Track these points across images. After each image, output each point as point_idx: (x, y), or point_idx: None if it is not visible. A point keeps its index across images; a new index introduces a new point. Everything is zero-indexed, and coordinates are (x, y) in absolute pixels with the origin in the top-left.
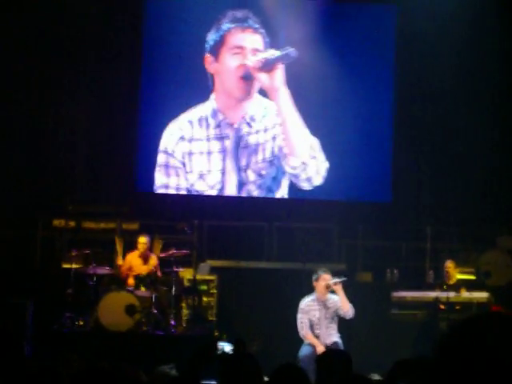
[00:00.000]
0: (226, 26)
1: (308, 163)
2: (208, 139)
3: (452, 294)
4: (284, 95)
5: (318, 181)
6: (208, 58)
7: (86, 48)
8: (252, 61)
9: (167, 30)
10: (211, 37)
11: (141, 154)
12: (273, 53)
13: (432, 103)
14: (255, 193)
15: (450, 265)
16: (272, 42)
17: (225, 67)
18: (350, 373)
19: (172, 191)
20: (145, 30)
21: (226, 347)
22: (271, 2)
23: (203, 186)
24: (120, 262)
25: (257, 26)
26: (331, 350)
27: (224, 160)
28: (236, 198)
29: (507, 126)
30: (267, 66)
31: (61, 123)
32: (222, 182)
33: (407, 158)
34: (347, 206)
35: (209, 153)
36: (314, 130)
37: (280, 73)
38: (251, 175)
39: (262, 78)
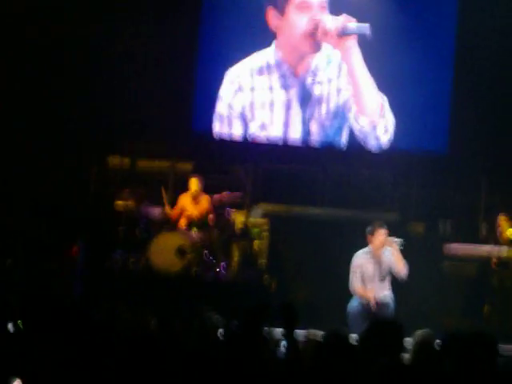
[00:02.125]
0: None
1: (377, 122)
2: (271, 89)
3: (505, 250)
4: (356, 55)
5: (387, 138)
6: (271, 11)
7: None
8: (326, 27)
9: None
10: None
11: (198, 93)
12: (348, 21)
13: (494, 54)
14: (318, 144)
15: (502, 218)
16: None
17: (291, 23)
18: (402, 344)
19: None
20: None
21: None
22: None
23: (265, 137)
24: (172, 203)
25: None
26: (385, 321)
27: (288, 111)
28: (290, 146)
29: None
30: (341, 34)
31: (118, 59)
32: (285, 133)
33: (466, 110)
34: (402, 155)
35: (271, 104)
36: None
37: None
38: (315, 127)
39: (334, 41)
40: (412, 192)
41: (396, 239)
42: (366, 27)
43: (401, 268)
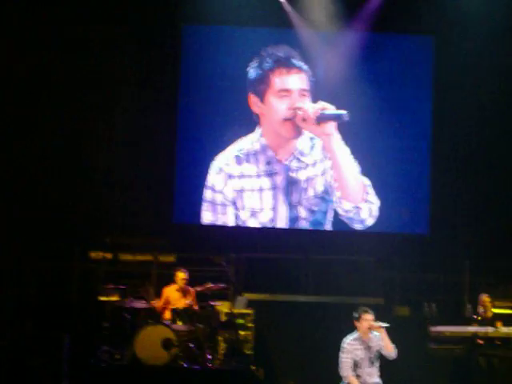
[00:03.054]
0: (268, 65)
1: (361, 207)
2: (258, 176)
3: (490, 329)
4: (336, 141)
5: (371, 222)
6: (252, 98)
7: (123, 82)
8: (305, 114)
9: (206, 62)
10: (253, 74)
11: (179, 185)
12: (326, 107)
13: (471, 135)
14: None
15: (485, 299)
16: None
17: (272, 110)
18: None
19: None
20: (183, 63)
21: None
22: (308, 34)
23: (255, 224)
24: (157, 295)
25: (301, 64)
26: None
27: (275, 197)
28: (271, 230)
29: None
30: (319, 120)
31: (99, 154)
32: (274, 219)
33: (445, 192)
34: (384, 238)
35: (260, 190)
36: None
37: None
38: (302, 211)
39: (313, 128)
40: (395, 276)
41: (382, 324)
42: (344, 114)
43: (390, 351)
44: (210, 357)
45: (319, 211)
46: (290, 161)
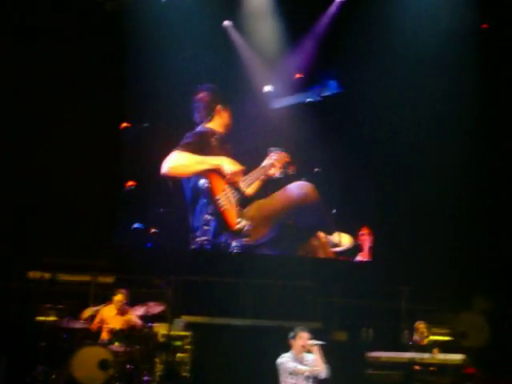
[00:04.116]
0: None
1: None
2: None
3: (426, 355)
4: None
5: None
6: None
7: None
8: None
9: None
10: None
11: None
12: None
13: (403, 159)
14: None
15: (421, 325)
16: None
17: None
18: None
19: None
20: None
21: None
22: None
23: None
24: (87, 314)
25: None
26: None
27: None
28: (211, 253)
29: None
30: None
31: (37, 174)
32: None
33: (384, 220)
34: (323, 263)
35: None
36: None
37: None
38: None
39: None
40: (334, 301)
41: (316, 341)
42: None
43: (322, 369)
44: (146, 378)
45: None
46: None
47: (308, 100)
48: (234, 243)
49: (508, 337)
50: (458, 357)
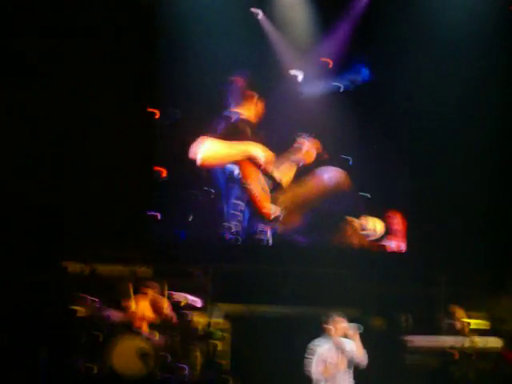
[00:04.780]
0: None
1: None
2: None
3: (465, 341)
4: None
5: None
6: None
7: None
8: None
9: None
10: None
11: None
12: None
13: (439, 145)
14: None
15: (460, 311)
16: None
17: None
18: None
19: None
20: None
21: None
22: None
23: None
24: (133, 307)
25: None
26: None
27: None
28: (247, 243)
29: None
30: None
31: (74, 165)
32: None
33: (420, 206)
34: (361, 252)
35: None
36: None
37: None
38: None
39: None
40: (373, 288)
41: (353, 324)
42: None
43: (361, 356)
44: (186, 369)
45: None
46: None
47: (339, 87)
48: (268, 231)
49: None
50: (497, 342)
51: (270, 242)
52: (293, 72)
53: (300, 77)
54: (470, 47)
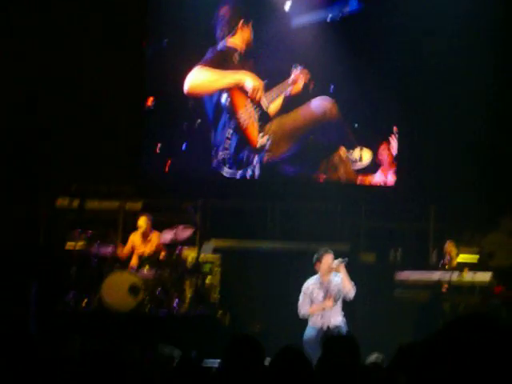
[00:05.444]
0: None
1: None
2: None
3: (455, 275)
4: None
5: None
6: None
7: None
8: None
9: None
10: None
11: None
12: None
13: (435, 86)
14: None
15: (450, 245)
16: None
17: None
18: (358, 360)
19: None
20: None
21: None
22: None
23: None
24: (122, 241)
25: None
26: (339, 335)
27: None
28: (248, 178)
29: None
30: None
31: (62, 100)
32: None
33: (410, 140)
34: (350, 186)
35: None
36: None
37: None
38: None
39: None
40: (361, 222)
41: (339, 260)
42: None
43: (349, 289)
44: (176, 302)
45: None
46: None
47: (329, 17)
48: (255, 159)
49: None
50: (486, 276)
51: (257, 171)
52: (284, 2)
53: (289, 6)
54: None
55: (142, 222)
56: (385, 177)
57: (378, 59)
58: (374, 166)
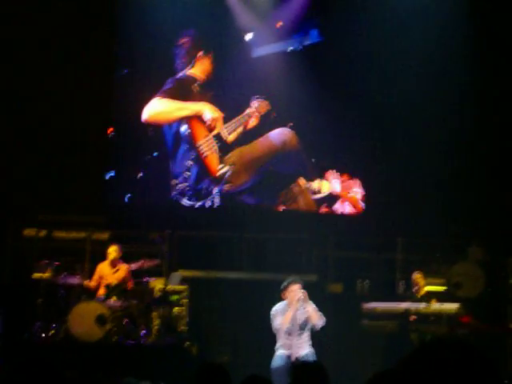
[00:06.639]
0: None
1: None
2: None
3: (422, 305)
4: None
5: None
6: None
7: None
8: None
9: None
10: None
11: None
12: None
13: (404, 115)
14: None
15: (417, 276)
16: None
17: None
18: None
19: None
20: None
21: None
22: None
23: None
24: (89, 271)
25: None
26: (307, 363)
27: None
28: (207, 208)
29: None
30: None
31: (29, 131)
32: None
33: (378, 170)
34: (318, 216)
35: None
36: None
37: None
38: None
39: None
40: (329, 253)
41: (303, 292)
42: None
43: (316, 319)
44: (144, 332)
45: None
46: None
47: (290, 49)
48: (215, 189)
49: (503, 285)
50: (453, 306)
51: (217, 201)
52: (246, 34)
53: (251, 37)
54: (428, 11)
55: (112, 250)
56: (343, 208)
57: (341, 88)
58: (333, 197)
